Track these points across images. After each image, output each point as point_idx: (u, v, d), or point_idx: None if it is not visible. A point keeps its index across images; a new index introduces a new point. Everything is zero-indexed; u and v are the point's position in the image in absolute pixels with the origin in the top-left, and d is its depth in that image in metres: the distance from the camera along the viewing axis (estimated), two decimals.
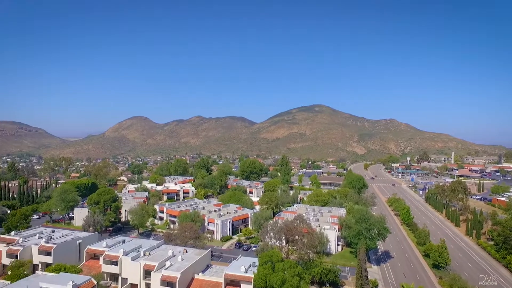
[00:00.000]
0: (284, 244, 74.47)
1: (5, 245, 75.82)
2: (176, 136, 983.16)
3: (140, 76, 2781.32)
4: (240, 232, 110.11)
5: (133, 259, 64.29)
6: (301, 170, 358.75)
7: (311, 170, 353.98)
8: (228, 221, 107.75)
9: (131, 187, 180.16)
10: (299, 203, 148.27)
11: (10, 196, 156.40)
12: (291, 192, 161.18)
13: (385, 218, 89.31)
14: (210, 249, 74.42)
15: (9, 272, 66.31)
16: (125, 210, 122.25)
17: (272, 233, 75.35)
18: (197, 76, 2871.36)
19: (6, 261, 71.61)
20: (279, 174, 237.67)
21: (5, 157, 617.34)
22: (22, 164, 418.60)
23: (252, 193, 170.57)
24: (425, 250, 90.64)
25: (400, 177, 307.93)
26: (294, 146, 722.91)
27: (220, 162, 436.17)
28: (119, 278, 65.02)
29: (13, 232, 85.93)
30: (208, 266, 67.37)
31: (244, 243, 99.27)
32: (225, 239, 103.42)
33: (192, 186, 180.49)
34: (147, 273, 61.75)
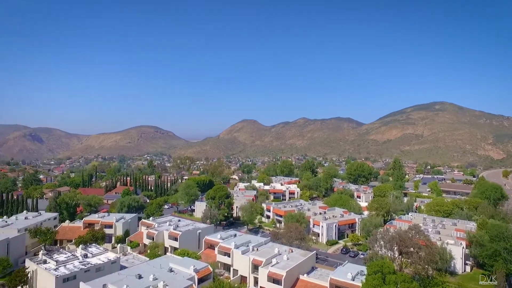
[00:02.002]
0: (396, 256, 68.50)
1: (145, 228, 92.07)
2: (282, 138, 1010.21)
3: (249, 81, 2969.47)
4: (347, 237, 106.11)
5: (243, 252, 69.32)
6: (417, 176, 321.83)
7: (429, 176, 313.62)
8: (334, 224, 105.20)
9: (241, 185, 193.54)
10: (415, 211, 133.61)
11: (149, 188, 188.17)
12: (405, 199, 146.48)
13: None
14: (315, 251, 74.18)
15: (148, 251, 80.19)
16: (236, 207, 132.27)
17: (382, 242, 70.26)
18: (301, 77, 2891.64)
19: (146, 241, 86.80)
20: (390, 179, 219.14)
21: (145, 156, 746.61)
22: (157, 161, 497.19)
23: (359, 198, 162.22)
24: None
25: None
26: (408, 148, 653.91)
27: (325, 164, 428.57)
28: (231, 269, 71.07)
29: (150, 218, 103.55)
30: (313, 268, 67.35)
31: (351, 249, 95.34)
32: (330, 243, 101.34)
33: (298, 187, 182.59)
34: (255, 267, 65.68)
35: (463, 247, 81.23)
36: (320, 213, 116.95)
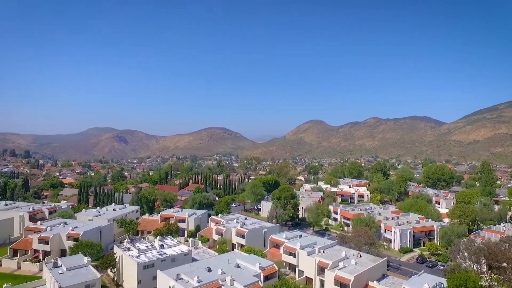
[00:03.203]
0: (484, 270, 60.57)
1: (214, 224, 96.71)
2: (350, 138, 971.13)
3: (317, 80, 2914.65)
4: (423, 245, 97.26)
5: (308, 254, 68.31)
6: None
7: None
8: (408, 231, 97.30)
9: (307, 186, 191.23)
10: (509, 222, 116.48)
11: (218, 186, 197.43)
12: (496, 208, 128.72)
13: None
14: (386, 258, 69.51)
15: (217, 246, 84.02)
16: (302, 208, 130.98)
17: (466, 253, 62.92)
18: (372, 75, 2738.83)
19: (215, 237, 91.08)
20: (477, 184, 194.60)
21: (215, 156, 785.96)
22: (226, 161, 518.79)
23: (439, 204, 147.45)
24: None
25: None
26: (501, 150, 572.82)
27: (399, 167, 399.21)
28: (296, 269, 70.58)
29: (219, 215, 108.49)
30: (384, 276, 63.25)
31: (428, 259, 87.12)
32: (404, 250, 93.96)
33: (367, 190, 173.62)
34: (321, 269, 64.16)
35: None
36: (393, 218, 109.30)
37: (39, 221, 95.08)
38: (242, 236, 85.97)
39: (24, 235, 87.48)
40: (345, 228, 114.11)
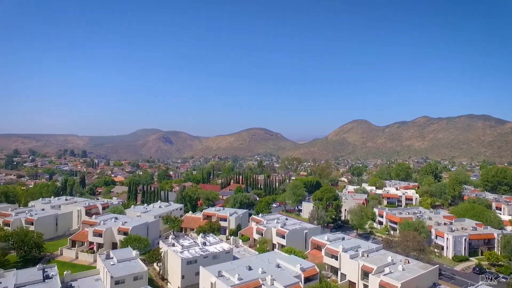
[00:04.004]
0: None
1: (255, 223, 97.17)
2: (397, 139, 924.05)
3: (360, 79, 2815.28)
4: (481, 254, 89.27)
5: (351, 257, 65.88)
6: None
7: None
8: (464, 238, 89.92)
9: (350, 188, 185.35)
10: None
11: (258, 186, 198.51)
12: None
13: None
14: (437, 266, 64.77)
15: (257, 245, 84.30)
16: (345, 210, 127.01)
17: None
18: (419, 72, 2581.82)
19: (256, 236, 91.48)
20: None
21: (255, 156, 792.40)
22: (266, 162, 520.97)
23: (500, 210, 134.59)
24: None
25: None
26: None
27: (452, 169, 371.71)
28: (339, 272, 68.41)
29: (260, 214, 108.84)
30: (435, 285, 58.98)
31: (486, 270, 79.72)
32: (458, 258, 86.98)
33: (416, 193, 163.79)
34: (365, 274, 61.53)
35: None
36: (445, 224, 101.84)
37: (94, 216, 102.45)
38: (283, 237, 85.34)
39: (81, 227, 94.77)
40: (391, 232, 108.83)
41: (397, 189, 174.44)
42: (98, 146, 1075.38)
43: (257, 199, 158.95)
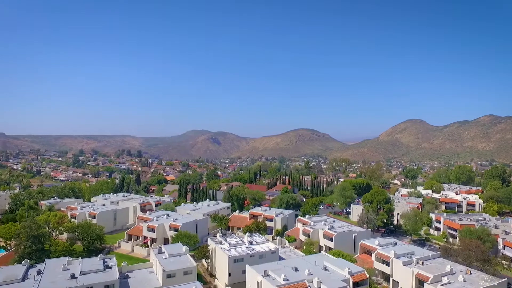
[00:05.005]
0: None
1: (301, 225, 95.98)
2: (458, 139, 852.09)
3: (413, 77, 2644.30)
4: None
5: (404, 263, 62.03)
6: None
7: None
8: None
9: (404, 191, 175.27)
10: None
11: (305, 187, 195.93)
12: None
13: None
14: (506, 279, 58.33)
15: (304, 247, 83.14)
16: (397, 214, 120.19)
17: None
18: (482, 65, 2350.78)
19: (302, 237, 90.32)
20: None
21: (302, 157, 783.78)
22: (313, 163, 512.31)
23: None
24: None
25: None
26: None
27: None
28: (390, 279, 64.78)
29: (306, 216, 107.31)
30: None
31: None
32: None
33: (480, 198, 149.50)
34: (419, 282, 57.54)
35: None
36: None
37: (147, 212, 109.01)
38: (330, 239, 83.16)
39: (136, 223, 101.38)
40: (450, 239, 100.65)
41: (457, 194, 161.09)
42: (152, 147, 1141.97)
43: (304, 200, 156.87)
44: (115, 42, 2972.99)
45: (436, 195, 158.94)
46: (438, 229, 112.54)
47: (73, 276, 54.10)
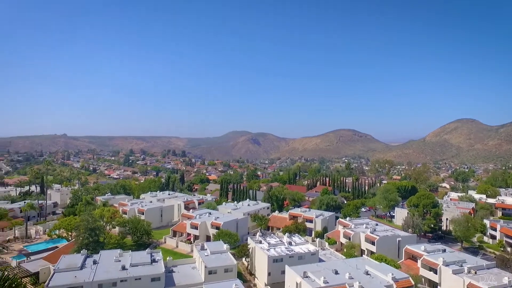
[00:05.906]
0: None
1: (342, 227, 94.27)
2: None
3: (468, 72, 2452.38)
4: None
5: (454, 272, 58.65)
6: None
7: None
8: None
9: (453, 195, 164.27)
10: None
11: (346, 189, 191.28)
12: None
13: None
14: None
15: (345, 250, 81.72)
16: (446, 219, 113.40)
17: None
18: None
19: (343, 240, 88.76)
20: None
21: (343, 158, 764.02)
22: (355, 164, 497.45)
23: None
24: None
25: None
26: None
27: None
28: None
29: (347, 218, 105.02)
30: None
31: None
32: None
33: None
34: None
35: None
36: None
37: (191, 210, 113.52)
38: (373, 243, 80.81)
39: (181, 220, 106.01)
40: (508, 249, 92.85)
41: None
42: (195, 147, 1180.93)
43: (345, 202, 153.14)
44: (167, 46, 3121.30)
45: (491, 200, 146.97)
46: (493, 237, 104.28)
47: (124, 268, 58.40)
